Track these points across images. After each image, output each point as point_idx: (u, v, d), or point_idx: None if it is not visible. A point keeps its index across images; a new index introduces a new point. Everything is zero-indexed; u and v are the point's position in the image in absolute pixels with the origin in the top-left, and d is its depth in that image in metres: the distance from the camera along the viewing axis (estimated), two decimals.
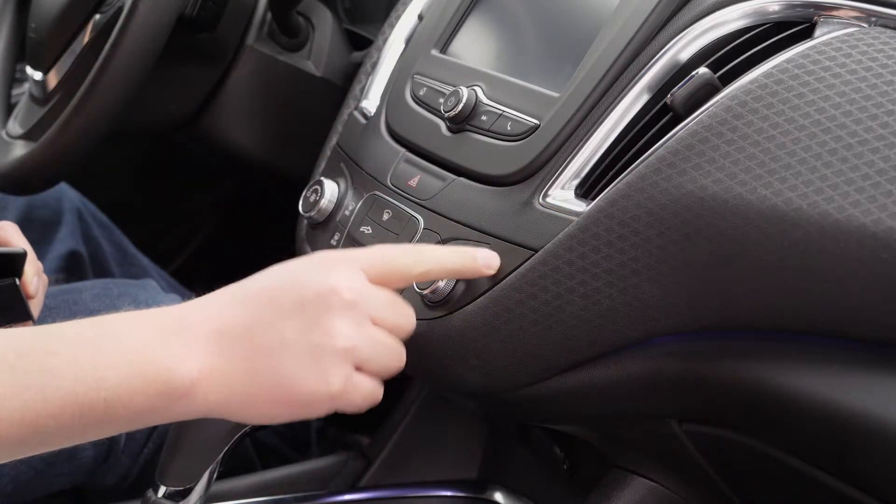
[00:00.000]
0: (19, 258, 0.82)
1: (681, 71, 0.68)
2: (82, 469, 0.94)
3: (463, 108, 0.76)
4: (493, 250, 0.69)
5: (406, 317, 0.63)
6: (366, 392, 0.60)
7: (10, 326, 0.84)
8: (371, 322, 0.59)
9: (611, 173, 0.68)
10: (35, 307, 0.86)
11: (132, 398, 0.55)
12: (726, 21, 0.68)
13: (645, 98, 0.69)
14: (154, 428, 0.97)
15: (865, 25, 0.64)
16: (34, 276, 0.84)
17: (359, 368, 0.59)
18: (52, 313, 0.91)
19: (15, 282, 0.82)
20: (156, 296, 1.03)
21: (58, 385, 0.53)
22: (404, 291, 0.73)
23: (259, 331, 0.57)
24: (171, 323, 0.57)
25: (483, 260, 0.67)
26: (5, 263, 0.82)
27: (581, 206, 0.68)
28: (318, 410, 0.58)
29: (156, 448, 0.98)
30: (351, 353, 0.58)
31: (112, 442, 0.95)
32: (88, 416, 0.55)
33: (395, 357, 0.62)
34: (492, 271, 0.68)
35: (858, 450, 0.59)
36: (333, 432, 1.21)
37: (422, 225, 0.75)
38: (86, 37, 1.02)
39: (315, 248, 0.84)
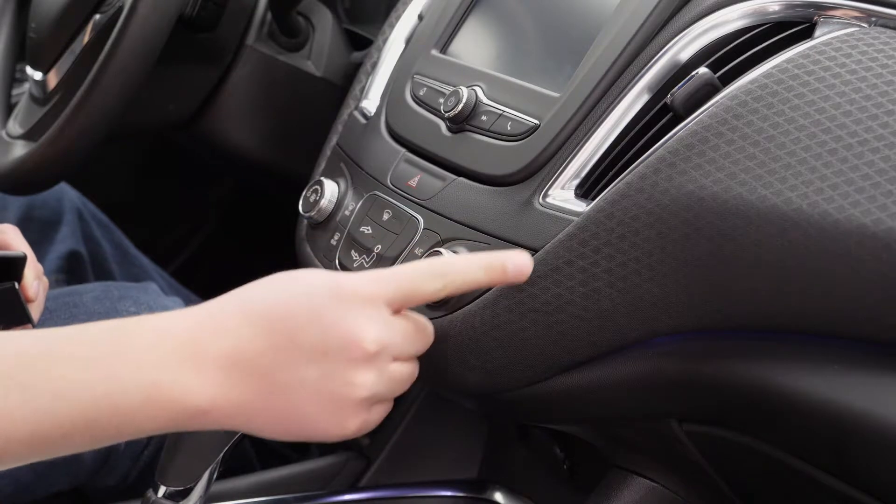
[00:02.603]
0: (19, 262, 0.82)
1: (681, 71, 0.68)
2: (83, 470, 0.94)
3: (463, 108, 0.76)
4: (493, 251, 0.69)
5: (426, 338, 0.61)
6: (378, 419, 0.59)
7: (10, 329, 0.85)
8: (392, 360, 0.58)
9: (611, 173, 0.68)
10: (35, 310, 0.86)
11: (144, 422, 0.55)
12: (726, 21, 0.68)
13: (645, 98, 0.69)
14: None
15: (865, 25, 0.64)
16: (34, 280, 0.84)
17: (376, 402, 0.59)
18: (52, 316, 0.91)
19: (14, 286, 0.82)
20: (157, 298, 1.03)
21: (69, 407, 0.53)
22: None
23: (277, 368, 0.55)
24: (184, 346, 0.55)
25: (513, 269, 0.62)
26: (5, 267, 0.82)
27: (581, 206, 0.68)
28: (330, 441, 0.58)
29: (156, 449, 0.98)
30: (371, 399, 0.57)
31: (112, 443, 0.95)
32: (99, 436, 0.54)
33: (411, 381, 0.60)
34: (524, 278, 0.63)
35: (858, 450, 0.58)
36: None
37: (422, 225, 0.75)
38: (86, 37, 1.02)
39: (315, 248, 0.84)
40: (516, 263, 0.63)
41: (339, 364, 0.56)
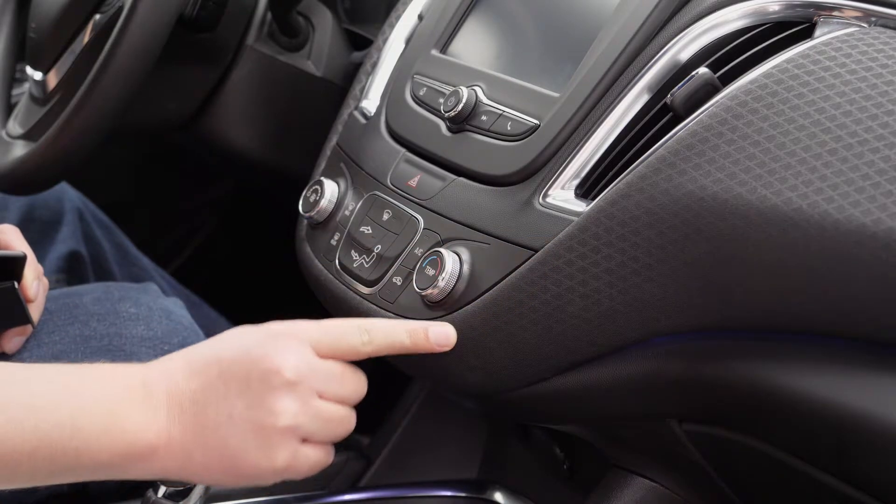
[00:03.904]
0: (19, 262, 0.82)
1: (681, 71, 0.68)
2: None
3: (463, 108, 0.76)
4: (493, 251, 0.69)
5: (354, 386, 0.64)
6: (312, 462, 0.62)
7: (9, 329, 0.85)
8: (317, 396, 0.61)
9: (611, 173, 0.68)
10: (35, 311, 0.86)
11: (100, 452, 0.59)
12: (726, 21, 0.68)
13: (645, 98, 0.69)
14: None
15: (865, 25, 0.64)
16: (34, 280, 0.84)
17: (305, 440, 0.61)
18: (52, 317, 0.91)
19: (14, 285, 0.82)
20: (157, 299, 1.03)
21: (36, 425, 0.57)
22: (405, 288, 0.73)
23: (209, 405, 0.60)
24: (137, 386, 0.60)
25: (434, 337, 0.67)
26: (5, 267, 0.82)
27: (581, 206, 0.68)
28: (266, 481, 0.62)
29: None
30: (295, 430, 0.60)
31: None
32: (58, 462, 0.58)
33: (343, 426, 0.63)
34: (446, 348, 0.68)
35: (858, 450, 0.58)
36: None
37: (422, 225, 0.75)
38: (86, 37, 1.02)
39: (315, 248, 0.84)
40: (437, 332, 0.67)
41: (260, 392, 0.59)
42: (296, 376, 0.60)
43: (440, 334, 0.68)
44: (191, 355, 0.63)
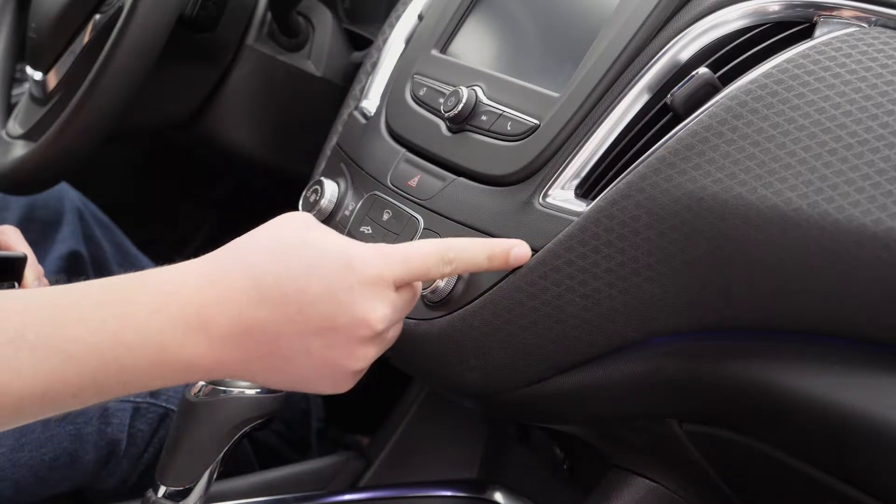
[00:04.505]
0: (20, 262, 0.82)
1: (681, 71, 0.68)
2: (83, 473, 0.94)
3: (463, 108, 0.76)
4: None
5: (416, 300, 0.64)
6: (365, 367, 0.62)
7: None
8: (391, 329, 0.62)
9: (611, 173, 0.68)
10: None
11: (152, 381, 0.56)
12: (726, 21, 0.68)
13: (645, 98, 0.69)
14: (155, 433, 0.98)
15: (865, 25, 0.64)
16: (34, 281, 0.84)
17: None
18: None
19: (15, 286, 0.82)
20: None
21: (79, 370, 0.54)
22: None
23: (285, 336, 0.57)
24: (192, 315, 0.56)
25: (515, 261, 0.66)
26: (6, 267, 0.82)
27: (581, 206, 0.68)
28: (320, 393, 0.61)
29: (157, 452, 0.98)
30: (370, 362, 0.60)
31: (113, 446, 0.95)
32: (107, 393, 0.55)
33: (401, 326, 0.64)
34: (520, 264, 0.67)
35: (858, 450, 0.58)
36: (333, 432, 1.21)
37: (422, 225, 0.75)
38: (86, 37, 1.02)
39: None
40: (517, 256, 0.66)
41: (347, 339, 0.58)
42: (384, 326, 0.59)
43: (520, 257, 0.66)
44: (259, 275, 0.57)
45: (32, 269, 0.84)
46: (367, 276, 0.58)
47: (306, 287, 0.57)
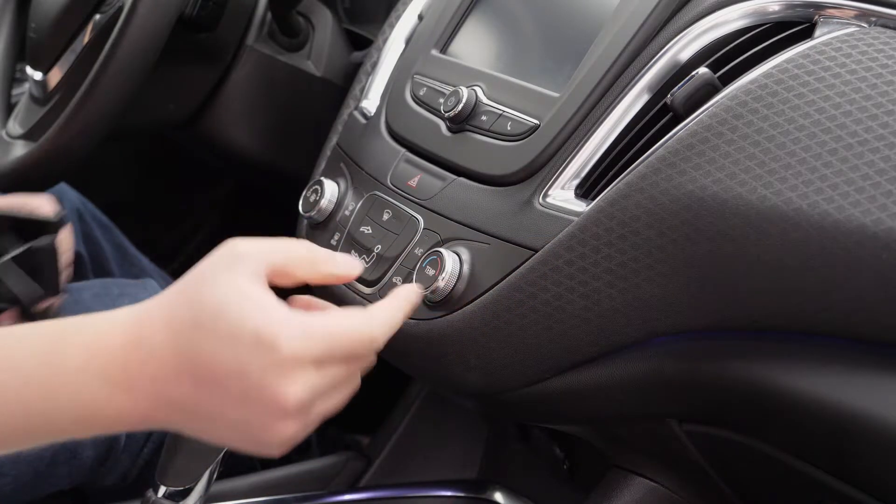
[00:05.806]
0: (56, 227, 0.83)
1: (681, 71, 0.68)
2: (82, 469, 0.94)
3: (463, 108, 0.76)
4: (494, 251, 0.69)
5: (355, 385, 0.60)
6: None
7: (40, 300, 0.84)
8: (316, 406, 0.58)
9: (611, 173, 0.68)
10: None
11: (79, 434, 0.58)
12: (726, 21, 0.68)
13: (645, 98, 0.69)
14: None
15: (865, 25, 0.64)
16: (69, 248, 0.84)
17: None
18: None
19: (53, 244, 0.82)
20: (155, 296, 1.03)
21: (9, 415, 0.56)
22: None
23: (204, 409, 0.57)
24: (118, 373, 0.56)
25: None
26: (43, 229, 0.82)
27: (581, 206, 0.68)
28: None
29: (156, 448, 0.98)
30: (293, 440, 0.58)
31: (112, 442, 0.95)
32: (38, 440, 0.58)
33: (344, 400, 0.60)
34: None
35: (858, 450, 0.58)
36: (333, 432, 1.21)
37: (422, 225, 0.75)
38: (86, 37, 1.02)
39: None
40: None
41: (261, 416, 0.56)
42: (298, 407, 0.56)
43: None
44: (180, 343, 0.56)
45: (68, 234, 0.85)
46: (282, 356, 0.56)
47: (220, 364, 0.56)
